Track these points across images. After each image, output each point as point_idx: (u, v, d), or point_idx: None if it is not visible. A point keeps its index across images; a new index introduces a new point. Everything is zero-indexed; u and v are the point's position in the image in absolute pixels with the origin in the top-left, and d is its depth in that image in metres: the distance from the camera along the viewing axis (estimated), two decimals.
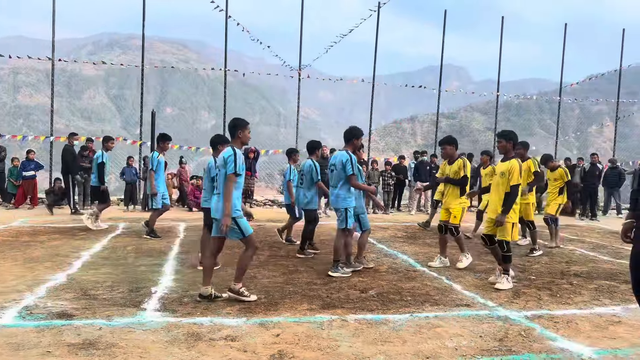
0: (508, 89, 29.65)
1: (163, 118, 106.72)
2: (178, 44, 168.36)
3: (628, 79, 53.84)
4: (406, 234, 10.12)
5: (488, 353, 3.80)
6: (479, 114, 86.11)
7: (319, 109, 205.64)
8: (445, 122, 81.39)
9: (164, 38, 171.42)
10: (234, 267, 4.97)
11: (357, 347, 3.83)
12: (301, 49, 15.22)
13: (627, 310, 5.03)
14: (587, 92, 68.83)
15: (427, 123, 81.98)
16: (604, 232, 11.36)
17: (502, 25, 17.18)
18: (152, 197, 8.61)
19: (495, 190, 5.91)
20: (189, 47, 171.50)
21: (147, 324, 4.23)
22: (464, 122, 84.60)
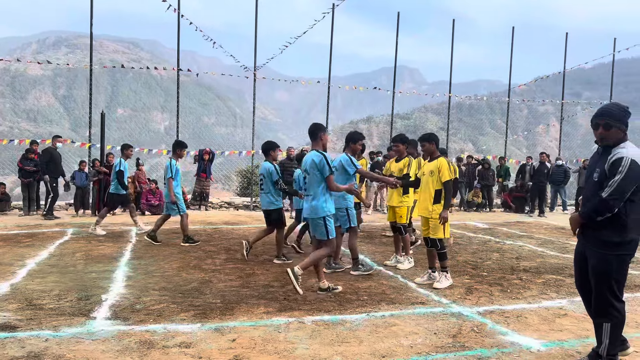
0: (460, 90, 30.47)
1: (115, 119, 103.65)
2: (129, 43, 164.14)
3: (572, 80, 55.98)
4: (363, 233, 10.20)
5: (442, 350, 3.87)
6: (432, 114, 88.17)
7: (276, 109, 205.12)
8: (401, 123, 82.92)
9: (114, 37, 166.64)
10: (187, 272, 4.85)
11: (314, 349, 3.82)
12: (256, 49, 15.10)
13: (572, 303, 5.25)
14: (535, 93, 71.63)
15: (383, 124, 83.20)
16: (551, 228, 11.82)
17: (453, 28, 17.62)
18: (170, 204, 8.46)
19: (425, 189, 5.93)
20: (141, 46, 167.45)
21: (96, 333, 4.08)
22: (419, 123, 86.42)
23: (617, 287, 3.46)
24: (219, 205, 14.99)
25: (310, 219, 5.44)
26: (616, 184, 3.30)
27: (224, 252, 7.78)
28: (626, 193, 3.31)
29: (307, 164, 5.44)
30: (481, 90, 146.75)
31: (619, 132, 3.46)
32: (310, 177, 5.42)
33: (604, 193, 3.34)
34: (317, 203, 5.35)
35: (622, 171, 3.30)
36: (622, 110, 3.50)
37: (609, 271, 3.43)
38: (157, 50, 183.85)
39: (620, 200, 3.30)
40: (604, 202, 3.34)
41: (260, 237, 7.36)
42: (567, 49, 18.93)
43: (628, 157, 3.33)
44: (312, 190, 5.40)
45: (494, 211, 15.80)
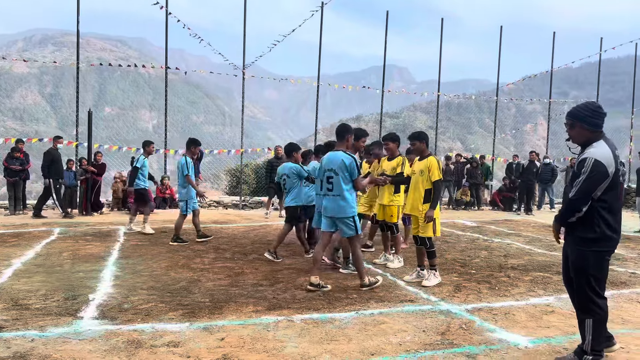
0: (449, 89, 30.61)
1: (102, 118, 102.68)
2: (117, 41, 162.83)
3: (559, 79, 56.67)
4: None
5: (431, 347, 3.89)
6: (421, 113, 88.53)
7: (265, 108, 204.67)
8: (390, 122, 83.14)
9: (101, 35, 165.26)
10: (175, 271, 4.82)
11: (303, 347, 3.82)
12: (245, 47, 15.05)
13: (559, 300, 5.30)
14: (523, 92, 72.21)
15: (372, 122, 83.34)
16: (539, 226, 11.93)
17: (442, 27, 17.69)
18: (192, 201, 8.55)
19: (415, 188, 5.95)
20: (129, 44, 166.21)
21: (83, 333, 4.05)
22: (408, 122, 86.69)
23: (597, 284, 3.50)
24: (207, 204, 14.91)
25: (338, 218, 5.56)
26: (579, 184, 3.38)
27: (213, 251, 7.75)
28: (590, 193, 3.36)
29: (336, 164, 5.50)
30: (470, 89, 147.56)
31: (582, 131, 3.53)
32: (337, 177, 5.49)
33: (570, 194, 3.43)
34: (345, 204, 5.48)
35: (585, 172, 3.36)
36: (586, 109, 3.53)
37: (586, 267, 3.48)
38: (145, 49, 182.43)
39: (584, 200, 3.36)
40: (570, 202, 3.45)
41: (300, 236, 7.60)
42: (555, 48, 19.11)
43: (592, 157, 3.37)
44: (339, 191, 5.49)
45: (482, 209, 15.91)
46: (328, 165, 5.59)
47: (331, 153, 5.67)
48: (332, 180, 5.54)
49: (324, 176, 5.64)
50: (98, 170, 12.72)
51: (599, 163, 3.35)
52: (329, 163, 5.58)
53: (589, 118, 3.50)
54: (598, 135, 3.52)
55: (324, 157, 5.85)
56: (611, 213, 3.43)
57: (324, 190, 5.64)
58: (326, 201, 5.61)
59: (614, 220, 3.46)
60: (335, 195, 5.52)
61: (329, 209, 5.58)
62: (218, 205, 15.07)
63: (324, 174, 5.64)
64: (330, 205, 5.57)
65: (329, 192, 5.57)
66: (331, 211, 5.57)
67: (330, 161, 5.57)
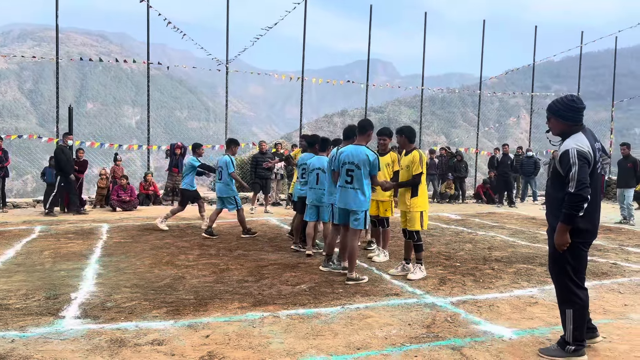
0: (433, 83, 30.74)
1: (84, 114, 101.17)
2: (98, 36, 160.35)
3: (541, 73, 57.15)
4: None
5: (416, 340, 3.90)
6: (406, 107, 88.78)
7: (249, 103, 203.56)
8: (375, 116, 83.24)
9: (82, 30, 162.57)
10: (159, 269, 4.76)
11: (288, 343, 3.80)
12: (228, 42, 14.92)
13: (542, 292, 5.36)
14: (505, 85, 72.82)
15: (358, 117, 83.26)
16: (522, 219, 12.05)
17: (425, 21, 17.73)
18: (231, 199, 8.71)
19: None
20: (110, 39, 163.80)
21: (65, 332, 3.98)
22: (392, 116, 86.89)
23: (575, 274, 3.55)
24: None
25: (352, 210, 5.69)
26: (576, 175, 3.39)
27: (198, 247, 7.68)
28: (587, 179, 3.39)
29: (358, 158, 5.61)
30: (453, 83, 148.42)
31: (557, 124, 3.60)
32: (358, 171, 5.61)
33: (570, 188, 3.40)
34: (364, 198, 5.66)
35: (575, 162, 3.39)
36: (560, 103, 3.59)
37: (563, 258, 3.53)
38: (126, 43, 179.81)
39: (586, 188, 3.38)
40: (575, 196, 3.38)
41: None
42: (537, 42, 19.28)
43: (573, 147, 3.42)
44: (359, 185, 5.63)
45: (467, 202, 16.03)
46: (349, 159, 5.67)
47: (352, 147, 5.74)
48: (352, 173, 5.65)
49: (343, 169, 5.72)
50: (80, 168, 12.53)
51: (580, 150, 3.40)
52: (351, 157, 5.66)
53: (562, 112, 3.56)
54: (576, 128, 3.56)
55: (341, 149, 5.86)
56: (588, 205, 3.46)
57: (342, 182, 5.74)
58: (343, 193, 5.73)
59: (590, 212, 3.50)
60: (356, 188, 5.65)
61: (346, 200, 5.71)
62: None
63: (343, 166, 5.72)
64: (348, 198, 5.69)
65: (348, 184, 5.69)
66: (347, 203, 5.69)
67: (353, 155, 5.66)
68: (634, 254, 7.62)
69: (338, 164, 5.82)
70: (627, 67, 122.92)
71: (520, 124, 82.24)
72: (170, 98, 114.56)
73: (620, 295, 5.30)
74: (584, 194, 3.37)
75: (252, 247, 7.72)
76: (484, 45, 18.74)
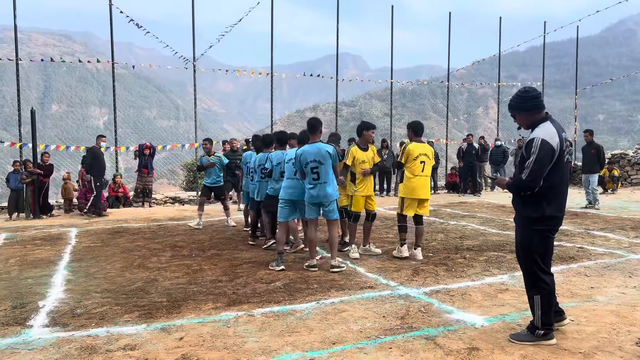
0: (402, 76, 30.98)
1: (49, 116, 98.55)
2: (61, 35, 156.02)
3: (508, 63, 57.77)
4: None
5: (391, 332, 3.93)
6: (377, 100, 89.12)
7: (220, 100, 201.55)
8: (346, 110, 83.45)
9: (44, 30, 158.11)
10: (130, 272, 4.64)
11: (264, 341, 3.79)
12: (194, 39, 14.70)
13: (512, 278, 5.47)
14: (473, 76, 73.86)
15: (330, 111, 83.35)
16: (492, 207, 12.27)
17: (392, 14, 17.81)
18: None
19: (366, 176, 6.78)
20: (74, 38, 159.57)
21: (33, 342, 3.88)
22: (364, 109, 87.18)
23: (542, 260, 3.64)
24: (163, 201, 14.59)
25: (325, 203, 6.04)
26: (531, 165, 3.48)
27: (170, 249, 7.57)
28: (542, 172, 3.47)
29: (319, 155, 5.87)
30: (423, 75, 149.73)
31: (523, 117, 3.70)
32: (322, 167, 5.90)
33: (522, 175, 3.52)
34: (332, 189, 6.00)
35: (535, 152, 3.48)
36: (518, 98, 3.69)
37: (531, 245, 3.62)
38: (91, 43, 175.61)
39: (537, 180, 3.48)
40: (523, 182, 3.52)
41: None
42: (502, 33, 19.58)
43: (539, 137, 3.51)
44: (326, 178, 5.94)
45: (438, 193, 16.24)
46: (311, 157, 5.90)
47: (309, 146, 5.97)
48: (317, 170, 5.91)
49: (308, 168, 5.93)
50: (45, 172, 12.19)
51: (545, 142, 3.47)
52: (312, 155, 5.90)
53: (522, 104, 3.66)
54: (541, 115, 3.64)
55: (300, 151, 6.04)
56: (554, 192, 3.55)
57: (310, 180, 5.96)
58: (314, 190, 5.97)
59: (557, 199, 3.58)
60: (323, 182, 5.94)
61: (317, 195, 5.97)
62: (174, 201, 14.76)
63: (307, 166, 5.92)
64: (318, 193, 5.97)
65: (315, 181, 5.94)
66: (320, 197, 5.97)
67: (313, 153, 5.90)
68: (599, 237, 7.85)
69: (300, 166, 6.01)
70: (590, 56, 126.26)
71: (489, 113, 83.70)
72: (138, 97, 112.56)
73: (587, 278, 5.45)
74: (531, 184, 3.49)
75: (225, 247, 7.66)
76: (450, 37, 18.95)
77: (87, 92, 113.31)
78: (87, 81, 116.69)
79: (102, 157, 12.05)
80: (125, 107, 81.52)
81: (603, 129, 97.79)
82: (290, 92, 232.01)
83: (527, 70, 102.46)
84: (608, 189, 15.39)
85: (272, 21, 15.27)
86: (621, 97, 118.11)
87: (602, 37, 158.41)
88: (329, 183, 5.96)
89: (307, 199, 6.07)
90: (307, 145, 6.01)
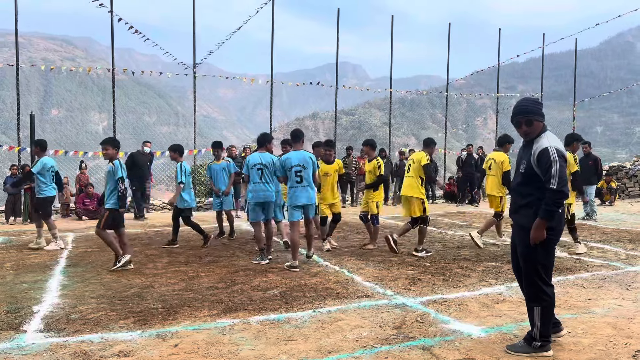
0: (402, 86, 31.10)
1: (49, 120, 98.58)
2: (62, 40, 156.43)
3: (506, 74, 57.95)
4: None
5: (387, 342, 3.91)
6: (376, 109, 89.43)
7: (220, 107, 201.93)
8: (346, 119, 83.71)
9: (45, 34, 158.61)
10: (126, 278, 4.62)
11: (259, 349, 3.77)
12: (195, 46, 14.75)
13: (509, 289, 5.46)
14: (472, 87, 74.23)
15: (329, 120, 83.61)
16: (490, 217, 12.24)
17: (392, 24, 17.93)
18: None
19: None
20: (75, 44, 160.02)
21: (27, 347, 3.85)
22: (363, 118, 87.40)
23: (544, 272, 3.62)
24: (160, 207, 14.56)
25: (309, 205, 6.65)
26: (557, 172, 3.42)
27: (166, 255, 7.55)
28: (567, 177, 3.48)
29: (304, 161, 6.53)
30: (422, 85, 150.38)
31: (539, 124, 3.66)
32: (305, 171, 6.53)
33: (552, 185, 3.41)
34: (313, 192, 6.69)
35: (555, 159, 3.45)
36: (536, 103, 3.69)
37: (534, 256, 3.59)
38: (92, 48, 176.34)
39: (567, 184, 3.46)
40: (557, 192, 3.41)
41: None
42: (501, 44, 19.71)
43: (552, 146, 3.50)
44: (308, 182, 6.59)
45: (436, 203, 16.24)
46: (297, 162, 6.52)
47: (296, 152, 6.60)
48: (300, 174, 6.52)
49: (292, 172, 6.51)
50: None
51: (559, 150, 3.48)
52: (297, 160, 6.52)
53: (540, 111, 3.66)
54: (544, 126, 3.67)
55: (285, 156, 6.64)
56: None
57: (292, 182, 6.53)
58: (297, 192, 6.54)
59: (561, 210, 3.58)
60: (306, 185, 6.57)
61: (302, 197, 6.55)
62: (172, 208, 14.70)
63: (291, 170, 6.51)
64: (303, 194, 6.56)
65: (298, 184, 6.53)
66: (304, 199, 6.56)
67: (299, 158, 6.53)
68: (596, 249, 7.85)
69: (283, 169, 6.59)
70: (588, 68, 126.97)
71: (487, 124, 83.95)
72: (138, 103, 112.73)
73: (584, 290, 5.44)
74: (566, 191, 3.44)
75: (222, 253, 7.64)
76: (450, 48, 19.04)
77: (87, 97, 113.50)
78: (87, 86, 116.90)
79: (141, 163, 12.19)
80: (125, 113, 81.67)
81: (601, 141, 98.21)
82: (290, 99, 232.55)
83: (525, 82, 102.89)
84: (605, 201, 15.41)
85: (272, 29, 15.35)
86: (619, 109, 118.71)
87: (600, 49, 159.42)
88: (310, 186, 6.60)
89: (291, 202, 6.56)
90: (293, 152, 6.63)
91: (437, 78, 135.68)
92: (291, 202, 6.57)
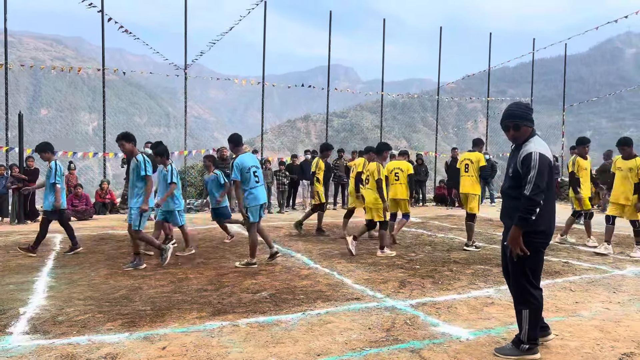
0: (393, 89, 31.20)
1: (38, 120, 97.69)
2: (52, 40, 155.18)
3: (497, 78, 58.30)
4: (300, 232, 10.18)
5: (376, 344, 3.91)
6: (368, 112, 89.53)
7: (211, 108, 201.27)
8: (337, 121, 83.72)
9: (35, 34, 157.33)
10: (115, 279, 4.56)
11: (248, 352, 3.75)
12: (186, 47, 14.70)
13: (498, 292, 5.48)
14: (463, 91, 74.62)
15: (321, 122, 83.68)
16: (479, 220, 12.31)
17: (384, 27, 18.00)
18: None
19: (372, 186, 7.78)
20: (65, 43, 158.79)
21: (12, 350, 3.80)
22: (355, 121, 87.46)
23: (533, 275, 3.64)
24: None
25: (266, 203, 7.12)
26: (533, 179, 3.46)
27: (155, 256, 7.49)
28: (543, 185, 3.48)
29: (257, 162, 6.97)
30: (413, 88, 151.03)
31: (527, 129, 3.69)
32: (259, 170, 6.96)
33: (526, 191, 3.46)
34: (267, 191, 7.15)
35: (535, 166, 3.48)
36: (524, 108, 3.72)
37: (522, 260, 3.60)
38: (82, 48, 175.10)
39: (541, 192, 3.46)
40: (529, 199, 3.45)
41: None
42: (492, 48, 19.85)
43: (536, 151, 3.52)
44: (263, 181, 7.10)
45: (427, 206, 16.30)
46: (252, 163, 6.86)
47: (247, 154, 6.93)
48: (257, 173, 6.88)
49: (250, 172, 6.77)
50: (30, 177, 12.05)
51: (543, 155, 3.50)
52: (252, 161, 6.90)
53: (529, 116, 3.69)
54: (534, 130, 3.70)
55: (241, 157, 6.79)
56: (546, 207, 3.56)
57: (252, 183, 6.78)
58: (257, 191, 6.83)
59: (548, 214, 3.60)
60: (262, 185, 7.06)
61: (262, 196, 6.94)
62: None
63: (249, 170, 6.76)
64: (262, 193, 6.98)
65: (257, 183, 6.86)
66: (263, 198, 6.97)
67: (252, 159, 6.92)
68: (584, 252, 7.91)
69: (240, 172, 6.72)
70: (578, 73, 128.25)
71: (478, 127, 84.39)
72: (128, 104, 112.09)
73: (572, 293, 5.48)
74: (537, 199, 3.44)
75: (212, 255, 7.61)
76: (441, 52, 19.15)
77: (76, 97, 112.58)
78: (77, 86, 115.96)
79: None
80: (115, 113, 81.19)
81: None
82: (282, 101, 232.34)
83: (516, 86, 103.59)
84: (594, 205, 15.54)
85: (264, 31, 15.34)
86: (608, 114, 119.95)
87: (590, 55, 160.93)
88: (264, 185, 7.16)
89: (252, 202, 6.76)
90: (243, 155, 6.85)
91: (429, 81, 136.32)
92: (254, 202, 6.77)
